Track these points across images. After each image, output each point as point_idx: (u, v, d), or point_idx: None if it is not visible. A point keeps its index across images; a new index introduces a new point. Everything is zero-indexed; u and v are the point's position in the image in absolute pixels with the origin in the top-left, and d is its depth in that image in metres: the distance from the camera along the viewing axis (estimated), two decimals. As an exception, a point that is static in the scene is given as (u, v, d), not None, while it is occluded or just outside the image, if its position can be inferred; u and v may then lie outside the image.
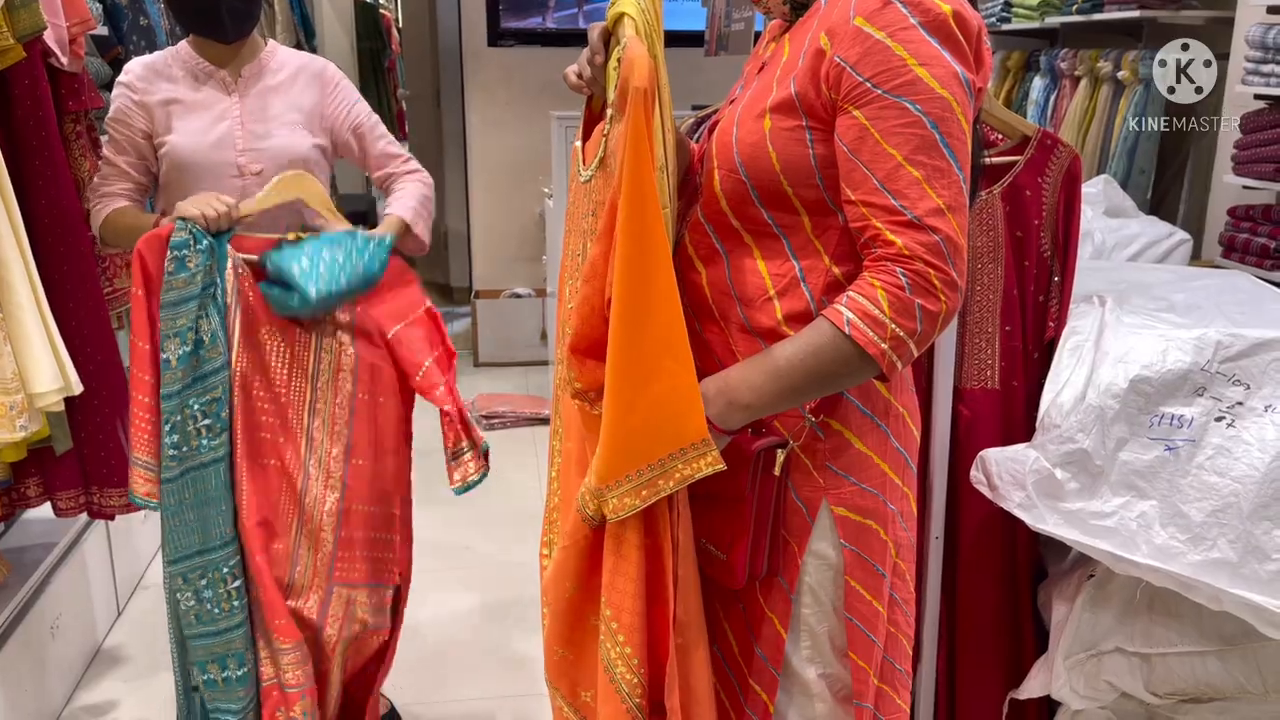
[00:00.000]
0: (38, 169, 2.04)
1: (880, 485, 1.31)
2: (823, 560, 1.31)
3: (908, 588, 1.38)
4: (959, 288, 1.13)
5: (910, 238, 1.11)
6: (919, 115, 1.11)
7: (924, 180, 1.11)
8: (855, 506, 1.30)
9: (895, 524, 1.33)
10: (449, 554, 3.01)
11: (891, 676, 1.38)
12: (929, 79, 1.10)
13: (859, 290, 1.15)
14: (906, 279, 1.12)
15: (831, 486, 1.29)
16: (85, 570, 2.64)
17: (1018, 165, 1.76)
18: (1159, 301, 1.76)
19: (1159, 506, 1.55)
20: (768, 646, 1.34)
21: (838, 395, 1.26)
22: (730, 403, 1.21)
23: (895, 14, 1.11)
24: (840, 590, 1.32)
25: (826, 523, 1.30)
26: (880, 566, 1.32)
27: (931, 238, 1.11)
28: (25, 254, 1.94)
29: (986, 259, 1.77)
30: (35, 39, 1.98)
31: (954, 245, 1.12)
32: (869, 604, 1.32)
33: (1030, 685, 1.78)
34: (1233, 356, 1.56)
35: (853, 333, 1.14)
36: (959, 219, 1.12)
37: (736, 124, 1.25)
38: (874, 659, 1.34)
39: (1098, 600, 1.70)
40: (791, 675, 1.35)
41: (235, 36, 1.99)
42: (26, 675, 2.27)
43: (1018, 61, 4.13)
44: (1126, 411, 1.57)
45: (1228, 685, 1.65)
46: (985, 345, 1.77)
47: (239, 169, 1.96)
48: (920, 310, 1.12)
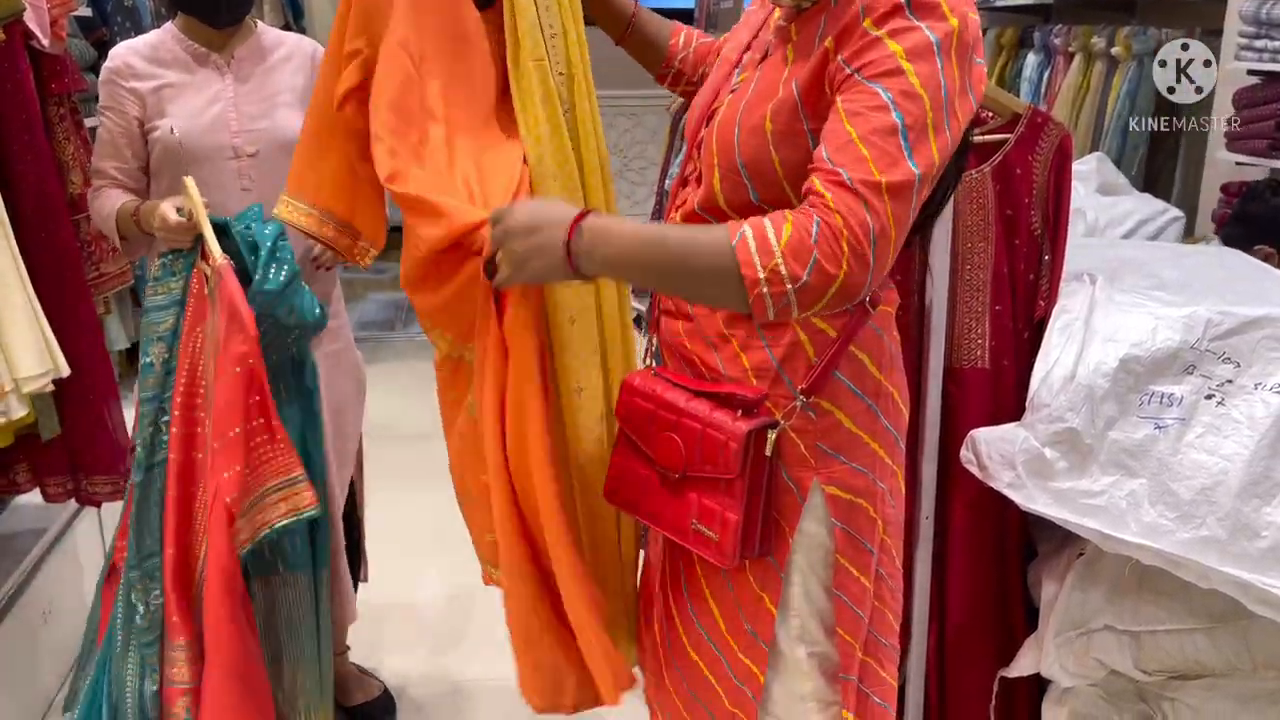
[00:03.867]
0: (20, 153, 2.03)
1: (870, 464, 1.31)
2: (812, 539, 1.32)
3: (893, 563, 1.40)
4: (868, 267, 1.07)
5: (839, 196, 1.07)
6: (887, 102, 1.08)
7: (871, 159, 1.07)
8: (846, 485, 1.30)
9: (884, 501, 1.34)
10: (445, 537, 3.01)
11: (875, 650, 1.39)
12: (911, 75, 1.08)
13: (769, 217, 1.10)
14: (817, 228, 1.06)
15: (822, 466, 1.29)
16: (77, 556, 2.63)
17: (1008, 143, 1.75)
18: (1150, 279, 1.76)
19: (1148, 485, 1.55)
20: (758, 624, 1.35)
21: (828, 375, 1.26)
22: (595, 246, 1.15)
23: (901, 18, 1.10)
24: (830, 569, 1.33)
25: (817, 501, 1.30)
26: (869, 544, 1.33)
27: (859, 206, 1.06)
28: (9, 237, 1.93)
29: (977, 237, 1.76)
30: (15, 20, 1.96)
31: (880, 227, 1.06)
32: (857, 581, 1.33)
33: (1020, 663, 1.78)
34: (1223, 334, 1.56)
35: (738, 246, 1.09)
36: (896, 207, 1.07)
37: (738, 125, 1.23)
38: (860, 634, 1.35)
39: (1087, 578, 1.70)
40: (779, 654, 1.36)
41: (230, 21, 1.97)
42: (19, 662, 2.27)
43: (1011, 38, 4.11)
44: (1116, 390, 1.56)
45: (1216, 662, 1.65)
46: (975, 324, 1.77)
47: (234, 150, 1.95)
48: (815, 263, 1.06)
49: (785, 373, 1.28)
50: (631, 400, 1.38)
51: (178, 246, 1.77)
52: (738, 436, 1.23)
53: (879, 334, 1.31)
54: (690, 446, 1.29)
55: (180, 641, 1.78)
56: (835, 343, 1.27)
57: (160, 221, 1.75)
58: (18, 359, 1.91)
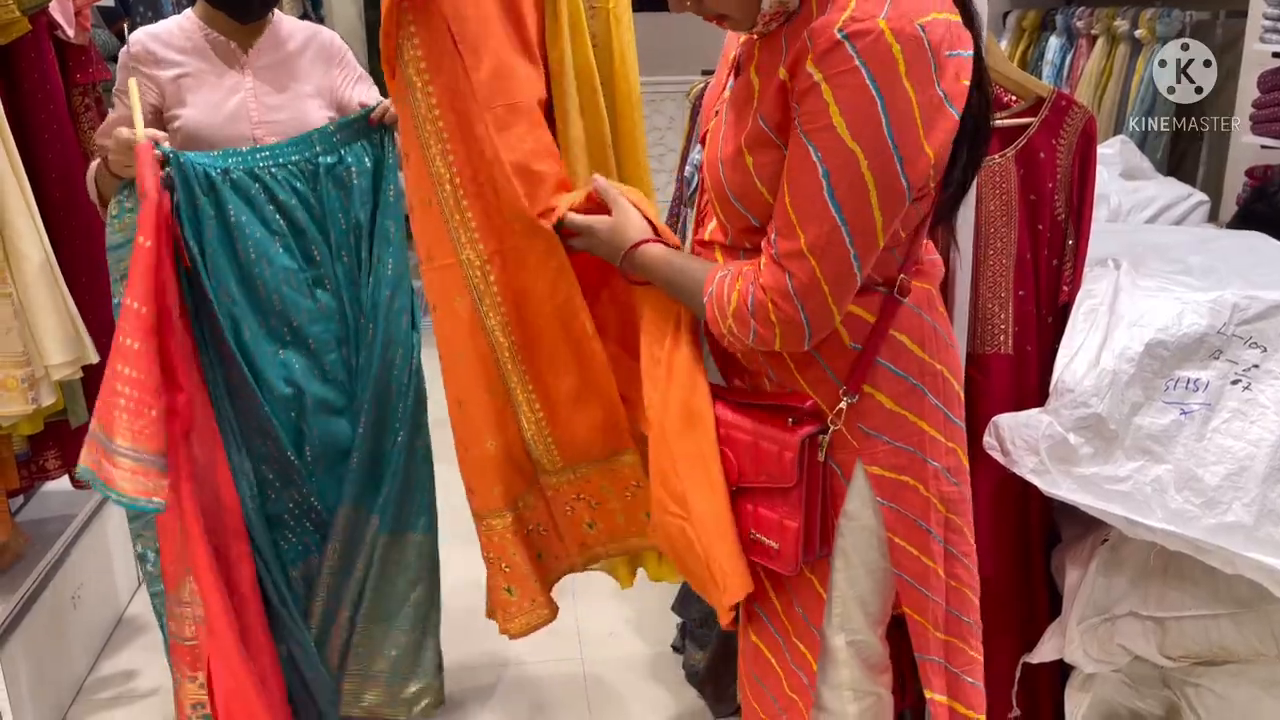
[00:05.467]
0: (47, 142, 2.05)
1: (918, 443, 1.32)
2: (856, 521, 1.34)
3: (965, 541, 1.40)
4: (799, 324, 1.22)
5: (768, 268, 1.22)
6: (816, 163, 1.15)
7: (797, 223, 1.18)
8: (890, 464, 1.32)
9: (939, 479, 1.35)
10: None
11: (958, 628, 1.41)
12: (842, 130, 1.13)
13: (736, 274, 1.27)
14: (753, 300, 1.24)
15: (865, 447, 1.31)
16: (105, 541, 2.67)
17: (1031, 127, 1.74)
18: (1175, 264, 1.74)
19: (1173, 471, 1.54)
20: (809, 608, 1.38)
21: (869, 362, 1.29)
22: (639, 267, 1.43)
23: (841, 56, 1.12)
24: (881, 551, 1.35)
25: (861, 482, 1.32)
26: (923, 522, 1.34)
27: (782, 277, 1.20)
28: (38, 226, 1.95)
29: (1000, 222, 1.75)
30: (41, 11, 1.97)
31: (802, 286, 1.20)
32: (917, 560, 1.35)
33: (1043, 649, 1.78)
34: (1249, 319, 1.55)
35: (706, 303, 1.31)
36: (821, 262, 1.18)
37: (721, 163, 1.29)
38: (932, 614, 1.37)
39: (1111, 564, 1.70)
40: (824, 641, 1.38)
41: (258, 17, 1.98)
42: (49, 645, 2.31)
43: (1033, 21, 4.06)
44: (1142, 375, 1.55)
45: (1241, 648, 1.64)
46: (998, 310, 1.76)
47: (254, 140, 1.95)
48: (754, 329, 1.25)
49: (822, 358, 1.30)
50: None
51: (130, 168, 1.76)
52: (792, 445, 1.27)
53: (918, 313, 1.32)
54: (742, 458, 1.33)
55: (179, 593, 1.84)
56: (871, 329, 1.29)
57: (114, 143, 1.75)
58: (48, 347, 1.93)
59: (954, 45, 1.15)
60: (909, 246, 1.30)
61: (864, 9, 1.11)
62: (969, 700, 1.42)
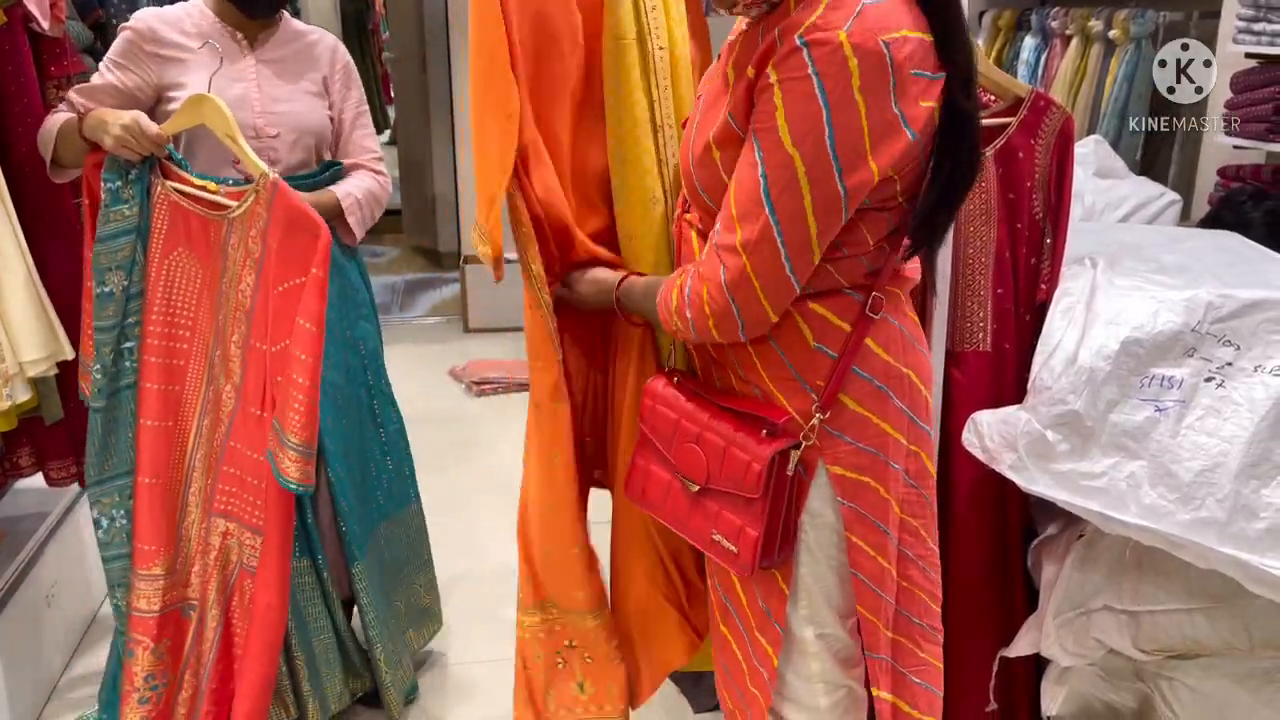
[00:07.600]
0: (21, 136, 2.02)
1: (879, 444, 1.32)
2: (819, 519, 1.33)
3: (923, 544, 1.41)
4: (733, 317, 1.25)
5: (708, 260, 1.26)
6: (758, 162, 1.18)
7: (736, 218, 1.21)
8: (851, 464, 1.32)
9: (898, 482, 1.35)
10: (453, 519, 3.03)
11: (908, 629, 1.41)
12: (784, 134, 1.15)
13: (680, 273, 1.33)
14: (690, 289, 1.29)
15: (828, 447, 1.31)
16: (80, 539, 2.64)
17: (1011, 126, 1.76)
18: (1150, 263, 1.77)
19: (1148, 467, 1.56)
20: (771, 601, 1.38)
21: (845, 371, 1.29)
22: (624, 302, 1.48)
23: (796, 62, 1.13)
24: (841, 549, 1.34)
25: (823, 481, 1.32)
26: (882, 523, 1.34)
27: (717, 268, 1.24)
28: (12, 220, 1.92)
29: (979, 221, 1.77)
30: (15, 4, 1.94)
31: (733, 279, 1.23)
32: (873, 560, 1.35)
33: (1020, 644, 1.80)
34: (1223, 317, 1.57)
35: (660, 297, 1.37)
36: (753, 259, 1.21)
37: (693, 160, 1.30)
38: (883, 613, 1.37)
39: (1087, 559, 1.72)
40: (790, 635, 1.38)
41: (267, 13, 2.00)
42: (23, 644, 2.28)
43: (1009, 20, 4.10)
44: (1117, 373, 1.57)
45: (1214, 641, 1.67)
46: (977, 308, 1.78)
47: (256, 130, 1.96)
48: (691, 319, 1.30)
49: (785, 356, 1.31)
50: (655, 407, 1.41)
51: (127, 156, 1.79)
52: (762, 458, 1.27)
53: (886, 319, 1.32)
54: (713, 461, 1.33)
55: (151, 570, 1.92)
56: (845, 339, 1.29)
57: (122, 128, 1.74)
58: (21, 342, 1.91)
59: (921, 65, 1.15)
60: (884, 255, 1.30)
61: (829, 18, 1.12)
62: (916, 701, 1.42)
